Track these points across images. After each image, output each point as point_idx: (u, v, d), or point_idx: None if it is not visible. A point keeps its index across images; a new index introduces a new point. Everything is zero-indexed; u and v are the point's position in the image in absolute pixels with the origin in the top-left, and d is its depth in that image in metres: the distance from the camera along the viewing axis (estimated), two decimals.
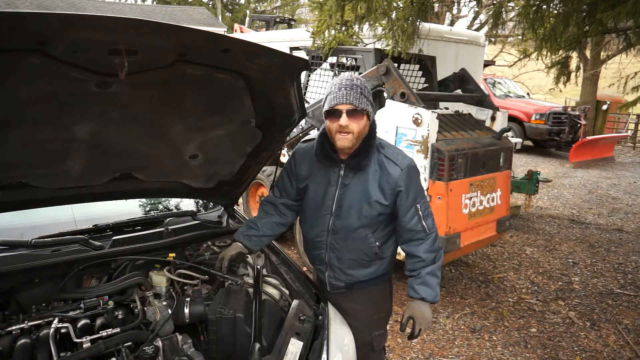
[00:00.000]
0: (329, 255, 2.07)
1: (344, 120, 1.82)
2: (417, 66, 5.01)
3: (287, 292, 2.12)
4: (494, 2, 5.19)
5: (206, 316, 1.88)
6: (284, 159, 5.28)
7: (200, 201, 3.01)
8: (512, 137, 9.52)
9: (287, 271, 2.23)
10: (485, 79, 12.59)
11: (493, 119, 4.52)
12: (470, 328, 3.74)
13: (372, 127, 1.94)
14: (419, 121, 3.58)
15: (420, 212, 1.95)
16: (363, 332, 2.05)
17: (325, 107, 1.86)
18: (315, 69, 5.09)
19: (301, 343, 1.74)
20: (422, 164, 3.60)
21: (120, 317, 1.85)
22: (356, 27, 4.91)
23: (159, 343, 1.71)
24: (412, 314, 1.98)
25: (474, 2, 5.59)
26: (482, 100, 4.60)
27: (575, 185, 9.03)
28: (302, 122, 3.61)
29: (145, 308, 1.90)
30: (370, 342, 2.14)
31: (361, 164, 1.91)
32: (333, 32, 4.78)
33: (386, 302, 2.23)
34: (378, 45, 4.74)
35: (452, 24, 15.68)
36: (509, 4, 5.30)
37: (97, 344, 1.64)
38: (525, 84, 16.09)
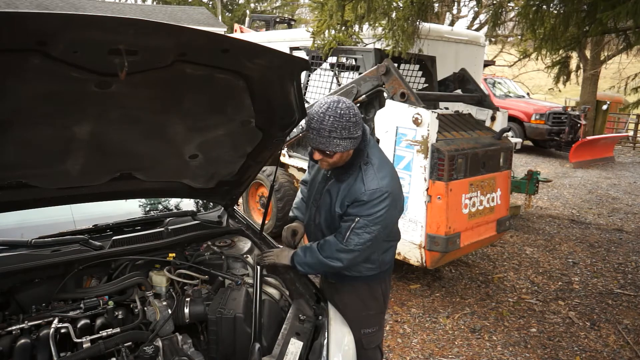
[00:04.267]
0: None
1: (316, 155, 1.90)
2: (417, 66, 5.01)
3: (287, 292, 2.12)
4: (494, 2, 5.19)
5: (206, 316, 1.88)
6: (284, 159, 5.28)
7: (200, 201, 3.01)
8: (512, 137, 9.53)
9: (287, 271, 2.23)
10: (485, 79, 12.59)
11: (493, 119, 4.52)
12: (470, 328, 3.74)
13: (361, 146, 1.93)
14: (419, 121, 3.58)
15: (353, 224, 1.90)
16: (350, 328, 2.05)
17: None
18: (315, 69, 5.09)
19: (301, 343, 1.74)
20: (422, 164, 3.60)
21: (120, 317, 1.85)
22: (356, 27, 4.91)
23: (159, 343, 1.71)
24: (280, 249, 2.18)
25: (474, 2, 5.59)
26: (482, 100, 4.60)
27: (575, 185, 9.03)
28: (302, 122, 3.61)
29: (145, 308, 1.90)
30: (359, 339, 2.13)
31: (340, 177, 1.97)
32: (333, 32, 4.78)
33: (376, 301, 2.23)
34: (378, 45, 4.74)
35: (452, 24, 15.68)
36: (509, 4, 5.30)
37: (97, 344, 1.64)
38: (525, 84, 16.09)
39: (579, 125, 11.65)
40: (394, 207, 1.95)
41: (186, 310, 1.91)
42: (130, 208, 2.74)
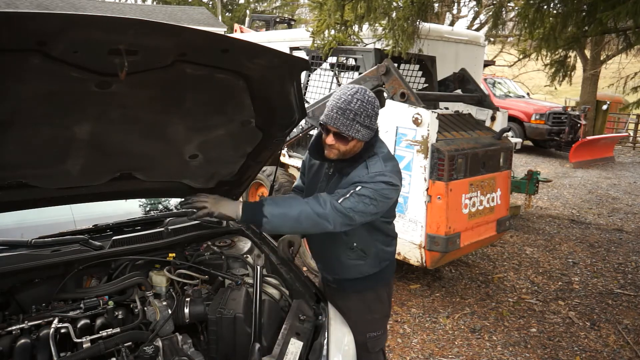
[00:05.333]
0: (317, 248, 2.17)
1: (330, 139, 1.84)
2: (417, 66, 5.01)
3: (287, 292, 2.12)
4: (494, 2, 5.19)
5: (206, 316, 1.88)
6: (284, 159, 5.28)
7: None
8: (512, 137, 9.53)
9: (287, 271, 2.23)
10: (485, 79, 12.59)
11: (493, 119, 4.52)
12: (470, 328, 3.74)
13: (370, 142, 1.91)
14: (419, 121, 3.58)
15: (354, 190, 1.79)
16: (355, 332, 2.03)
17: (321, 117, 1.85)
18: (315, 69, 5.09)
19: (301, 343, 1.74)
20: (422, 164, 3.60)
21: (120, 317, 1.85)
22: (356, 27, 4.91)
23: (159, 343, 1.71)
24: (215, 196, 1.87)
25: (474, 2, 5.59)
26: (482, 100, 4.60)
27: (575, 185, 9.03)
28: (302, 122, 3.61)
29: (145, 308, 1.90)
30: (364, 342, 2.12)
31: (344, 170, 1.93)
32: (333, 32, 4.78)
33: (381, 305, 2.22)
34: (378, 45, 4.74)
35: (452, 24, 15.68)
36: (509, 4, 5.30)
37: (97, 344, 1.64)
38: (525, 84, 16.11)
39: (579, 125, 11.65)
40: (393, 192, 1.87)
41: (186, 310, 1.91)
42: (130, 208, 2.74)
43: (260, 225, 1.77)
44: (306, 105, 2.98)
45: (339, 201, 1.78)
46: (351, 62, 4.77)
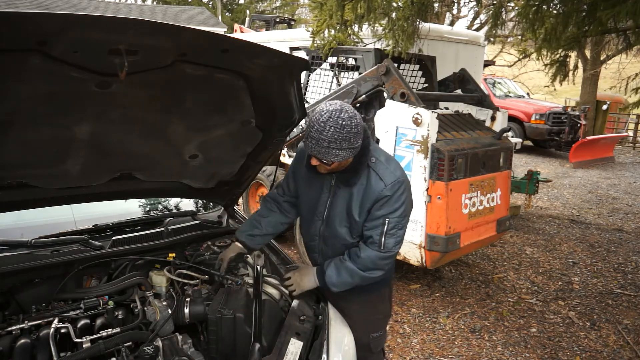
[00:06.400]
0: (321, 259, 2.10)
1: (314, 161, 1.83)
2: (417, 66, 5.01)
3: (287, 292, 2.12)
4: (494, 2, 5.19)
5: (206, 316, 1.88)
6: (284, 159, 5.28)
7: (200, 201, 3.01)
8: (512, 137, 9.53)
9: (287, 271, 2.23)
10: (485, 79, 12.59)
11: (493, 119, 4.52)
12: (470, 328, 3.74)
13: (365, 145, 1.87)
14: (419, 121, 3.58)
15: (384, 227, 1.87)
16: (359, 333, 2.03)
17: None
18: (315, 69, 5.09)
19: (301, 343, 1.74)
20: (422, 164, 3.60)
21: (120, 317, 1.85)
22: (356, 27, 4.91)
23: (159, 343, 1.71)
24: (297, 272, 2.04)
25: (474, 2, 5.59)
26: (482, 100, 4.60)
27: (575, 185, 9.03)
28: (302, 122, 3.61)
29: (145, 308, 1.90)
30: (368, 343, 2.13)
31: (349, 181, 1.90)
32: (333, 32, 4.78)
33: (384, 304, 2.22)
34: (378, 45, 4.74)
35: (452, 24, 15.68)
36: (509, 4, 5.30)
37: (97, 344, 1.64)
38: (525, 84, 16.10)
39: (579, 125, 11.65)
40: (410, 194, 1.95)
41: (186, 310, 1.91)
42: (130, 208, 2.74)
43: (327, 290, 2.01)
44: (306, 105, 2.98)
45: (382, 247, 1.89)
46: (351, 62, 4.77)
